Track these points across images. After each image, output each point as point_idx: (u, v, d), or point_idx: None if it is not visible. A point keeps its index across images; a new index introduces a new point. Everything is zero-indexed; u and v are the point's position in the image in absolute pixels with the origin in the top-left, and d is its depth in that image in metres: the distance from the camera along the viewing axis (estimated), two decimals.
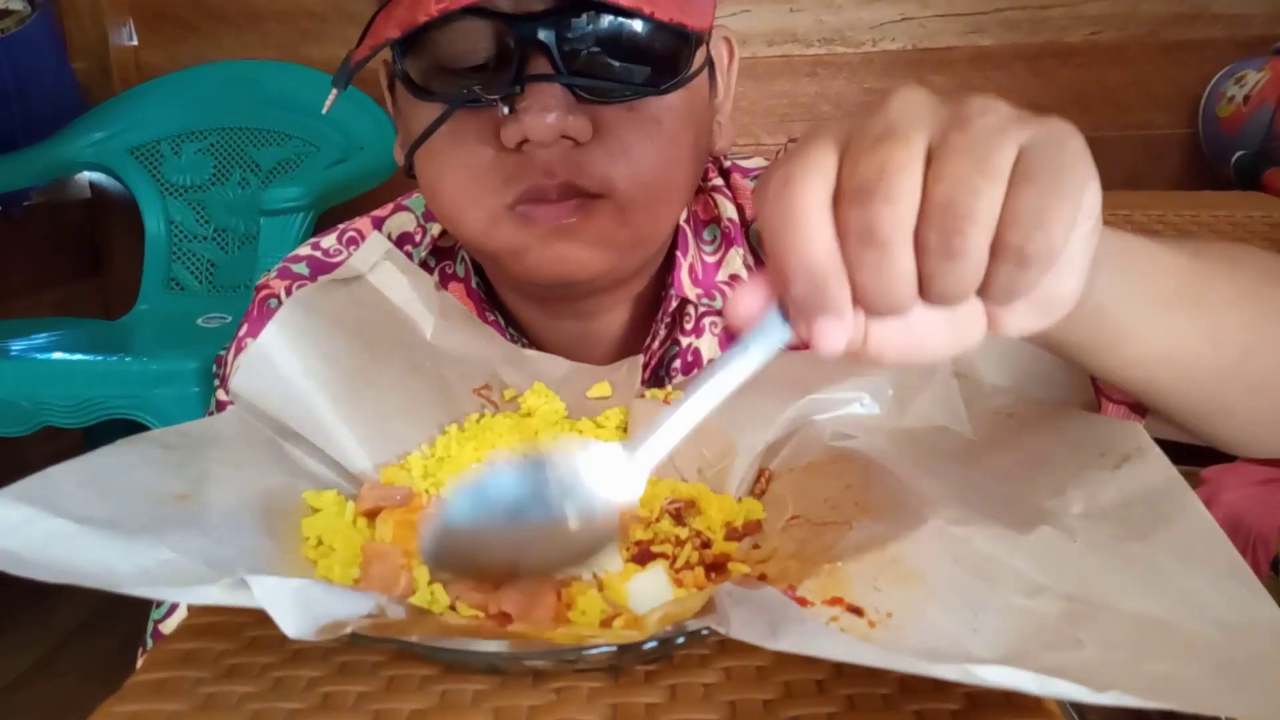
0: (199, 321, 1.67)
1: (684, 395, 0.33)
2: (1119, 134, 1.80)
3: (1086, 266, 0.30)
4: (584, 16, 0.46)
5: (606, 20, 0.47)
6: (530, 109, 0.46)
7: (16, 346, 1.44)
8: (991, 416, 0.42)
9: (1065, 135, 0.28)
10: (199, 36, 1.91)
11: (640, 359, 0.58)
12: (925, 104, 0.29)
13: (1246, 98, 1.61)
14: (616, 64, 0.48)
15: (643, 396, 0.52)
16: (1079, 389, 0.43)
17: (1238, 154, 1.60)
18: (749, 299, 0.31)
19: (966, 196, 0.27)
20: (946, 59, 1.80)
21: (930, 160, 0.28)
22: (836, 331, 0.29)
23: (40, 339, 1.51)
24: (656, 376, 0.61)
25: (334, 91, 0.52)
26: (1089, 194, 0.28)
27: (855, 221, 0.27)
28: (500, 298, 0.63)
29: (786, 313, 0.31)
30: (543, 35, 0.46)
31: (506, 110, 0.47)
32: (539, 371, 0.56)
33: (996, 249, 0.27)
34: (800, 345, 0.31)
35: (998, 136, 0.27)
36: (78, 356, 1.39)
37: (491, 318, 0.62)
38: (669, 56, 0.50)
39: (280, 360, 0.45)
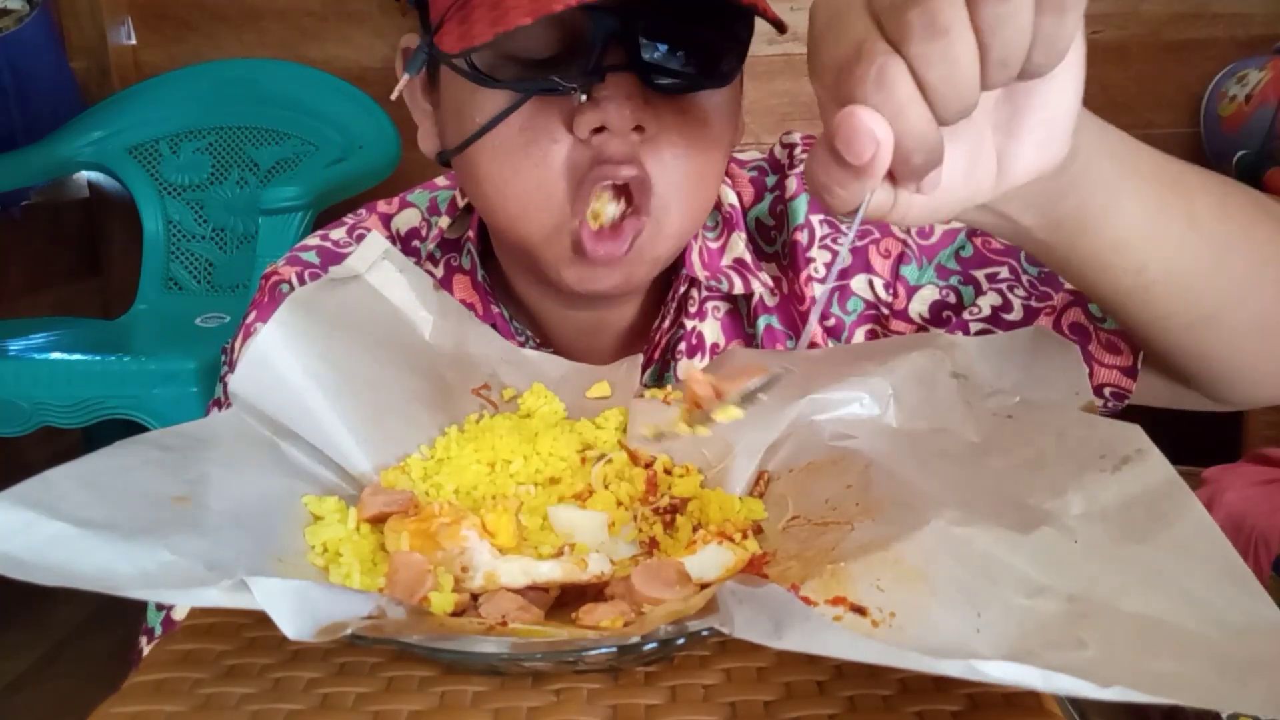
0: (197, 321, 1.67)
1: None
2: None
3: (1080, 67, 0.33)
4: (659, 10, 0.48)
5: (678, 13, 0.48)
6: (612, 97, 0.48)
7: (15, 346, 1.44)
8: (991, 418, 0.42)
9: None
10: (198, 36, 1.91)
11: (639, 358, 0.58)
12: None
13: (1248, 97, 1.61)
14: (684, 57, 0.50)
15: (642, 396, 0.52)
16: (1078, 391, 0.43)
17: (1240, 153, 1.60)
18: (859, 193, 0.32)
19: None
20: None
21: None
22: (937, 176, 0.32)
23: (39, 339, 1.51)
24: (663, 360, 0.62)
25: (405, 77, 0.53)
26: None
27: (916, 25, 0.28)
28: (510, 287, 0.63)
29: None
30: (623, 27, 0.48)
31: (584, 98, 0.49)
32: (538, 371, 0.56)
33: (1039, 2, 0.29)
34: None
35: None
36: (76, 356, 1.39)
37: (496, 310, 0.62)
38: (728, 48, 0.52)
39: (279, 360, 0.45)
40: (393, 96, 0.55)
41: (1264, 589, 0.30)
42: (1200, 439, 1.12)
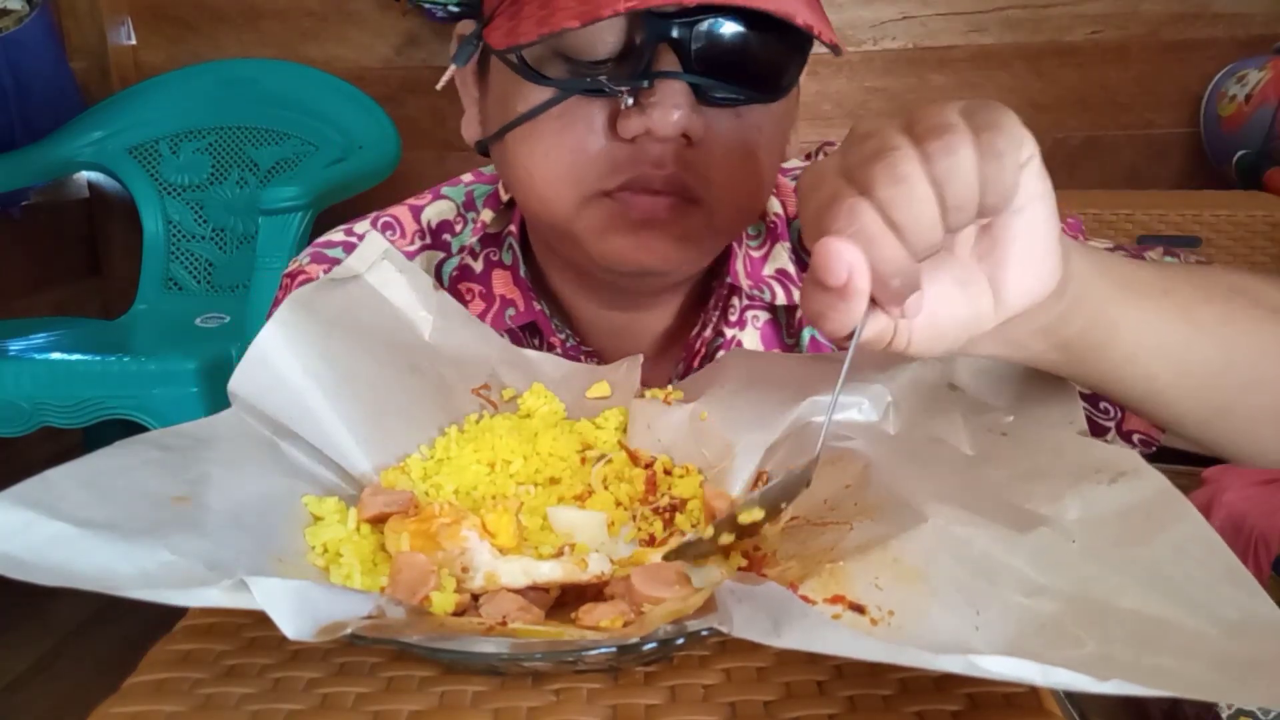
0: (197, 321, 1.67)
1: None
2: (1120, 133, 1.80)
3: (1054, 217, 0.36)
4: (715, 19, 0.48)
5: (734, 25, 0.48)
6: (659, 104, 0.48)
7: (15, 346, 1.44)
8: (986, 434, 0.43)
9: (985, 99, 0.35)
10: (197, 36, 1.91)
11: (639, 358, 0.58)
12: (884, 119, 0.36)
13: (1248, 97, 1.61)
14: (736, 68, 0.49)
15: (642, 396, 0.52)
16: (1072, 420, 0.43)
17: (1239, 153, 1.60)
18: (848, 317, 0.35)
19: (947, 117, 0.33)
20: (947, 58, 1.80)
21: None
22: (918, 300, 0.35)
23: (39, 339, 1.51)
24: (702, 368, 0.62)
25: (452, 67, 0.53)
26: (1020, 127, 0.34)
27: (880, 176, 0.33)
28: (549, 285, 0.63)
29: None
30: (677, 33, 0.47)
31: (630, 102, 0.48)
32: (538, 371, 0.56)
33: (980, 153, 0.33)
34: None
35: (940, 105, 0.35)
36: (76, 356, 1.39)
37: (538, 307, 0.62)
38: (784, 64, 0.51)
39: (279, 360, 0.45)
40: (438, 86, 0.55)
41: (1263, 589, 0.30)
42: None
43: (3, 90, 1.65)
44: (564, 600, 0.39)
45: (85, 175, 1.94)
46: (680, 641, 0.33)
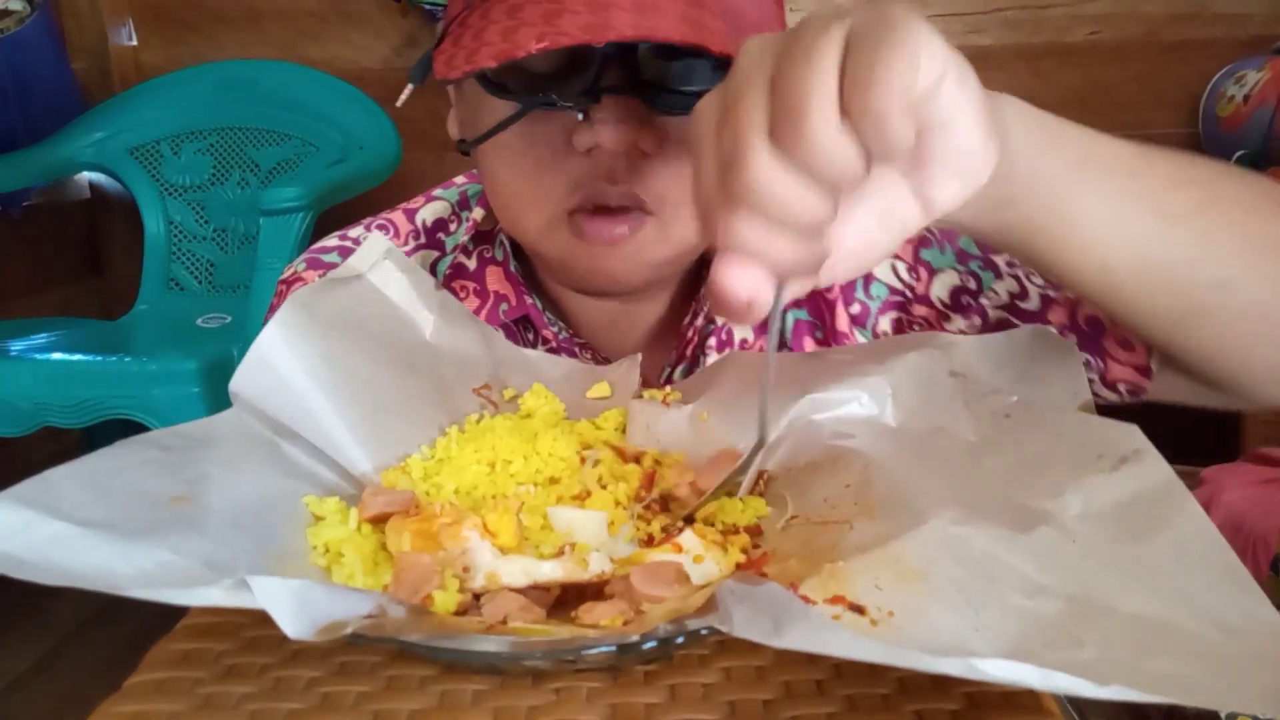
0: (198, 322, 1.67)
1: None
2: (1119, 134, 1.79)
3: (980, 119, 0.32)
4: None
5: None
6: (606, 120, 0.49)
7: (16, 346, 1.44)
8: (989, 418, 0.42)
9: (884, 8, 0.30)
10: (198, 36, 1.91)
11: (638, 358, 0.58)
12: (763, 48, 0.31)
13: (1247, 97, 1.61)
14: (689, 80, 0.50)
15: (641, 397, 0.52)
16: (1076, 392, 0.43)
17: (1238, 153, 1.60)
18: (758, 315, 0.32)
19: (800, 79, 0.29)
20: None
21: None
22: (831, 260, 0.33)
23: (40, 339, 1.51)
24: (694, 357, 0.62)
25: (409, 87, 0.55)
26: (921, 47, 0.29)
27: (740, 191, 0.30)
28: (540, 280, 0.64)
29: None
30: (622, 49, 0.48)
31: (581, 117, 0.49)
32: (538, 372, 0.56)
33: (849, 115, 0.29)
34: None
35: (817, 36, 0.30)
36: (77, 357, 1.39)
37: (530, 301, 0.63)
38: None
39: (280, 360, 0.45)
40: (399, 103, 0.56)
41: (1262, 589, 0.31)
42: (1200, 439, 1.12)
43: (4, 91, 1.66)
44: (564, 599, 0.39)
45: (86, 176, 1.94)
46: (680, 640, 0.33)
